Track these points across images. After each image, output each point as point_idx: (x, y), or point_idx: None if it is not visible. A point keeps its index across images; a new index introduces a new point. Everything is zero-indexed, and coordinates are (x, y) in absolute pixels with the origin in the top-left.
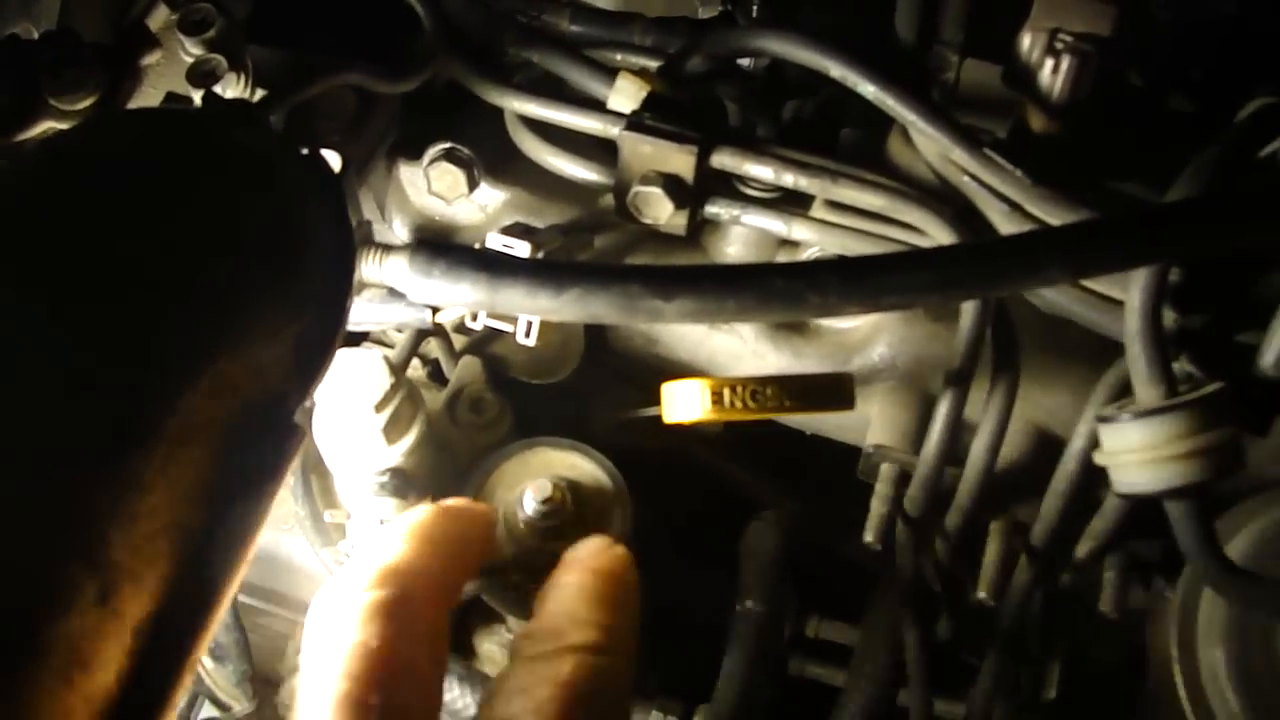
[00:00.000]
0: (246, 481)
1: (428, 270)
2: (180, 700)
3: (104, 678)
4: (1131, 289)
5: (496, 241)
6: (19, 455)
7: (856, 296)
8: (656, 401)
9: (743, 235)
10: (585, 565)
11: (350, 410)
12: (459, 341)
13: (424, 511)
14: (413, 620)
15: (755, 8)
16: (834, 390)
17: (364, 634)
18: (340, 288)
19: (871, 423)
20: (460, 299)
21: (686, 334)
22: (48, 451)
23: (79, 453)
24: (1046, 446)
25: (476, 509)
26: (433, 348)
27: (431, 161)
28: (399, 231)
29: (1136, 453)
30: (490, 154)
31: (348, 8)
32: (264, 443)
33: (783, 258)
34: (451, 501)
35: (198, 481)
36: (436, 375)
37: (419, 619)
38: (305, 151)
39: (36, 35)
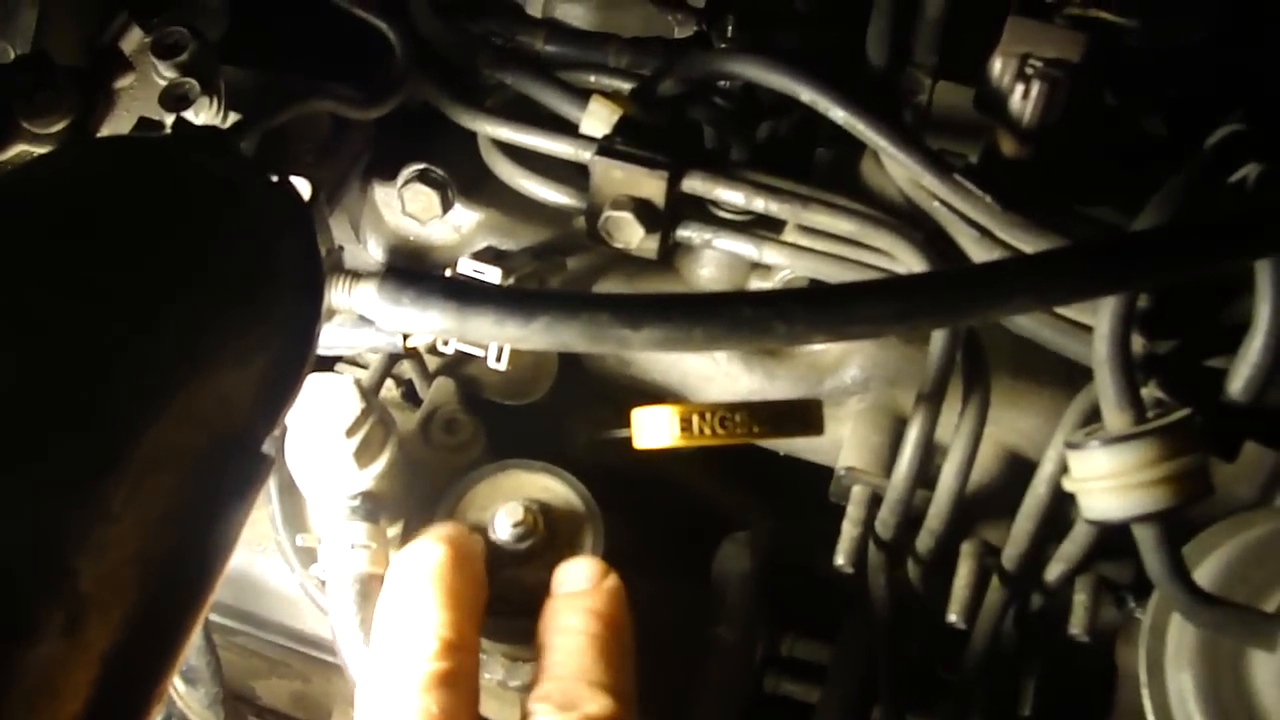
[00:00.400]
0: (214, 510)
1: (396, 298)
2: None
3: (72, 707)
4: (1100, 315)
5: (467, 267)
6: None
7: (823, 325)
8: (629, 422)
9: (715, 258)
10: (588, 608)
11: (321, 435)
12: (432, 362)
13: (440, 560)
14: (464, 684)
15: (730, 29)
16: (803, 416)
17: (426, 703)
18: (308, 317)
19: (844, 445)
20: (429, 327)
21: (658, 356)
22: (14, 482)
23: (46, 483)
24: (1017, 469)
25: (474, 545)
26: (406, 369)
27: (406, 183)
28: (374, 252)
29: (1105, 479)
30: (464, 175)
31: (322, 29)
32: (232, 471)
33: (755, 280)
34: (447, 531)
35: (166, 511)
36: (410, 396)
37: (467, 681)
38: (275, 179)
39: (13, 55)
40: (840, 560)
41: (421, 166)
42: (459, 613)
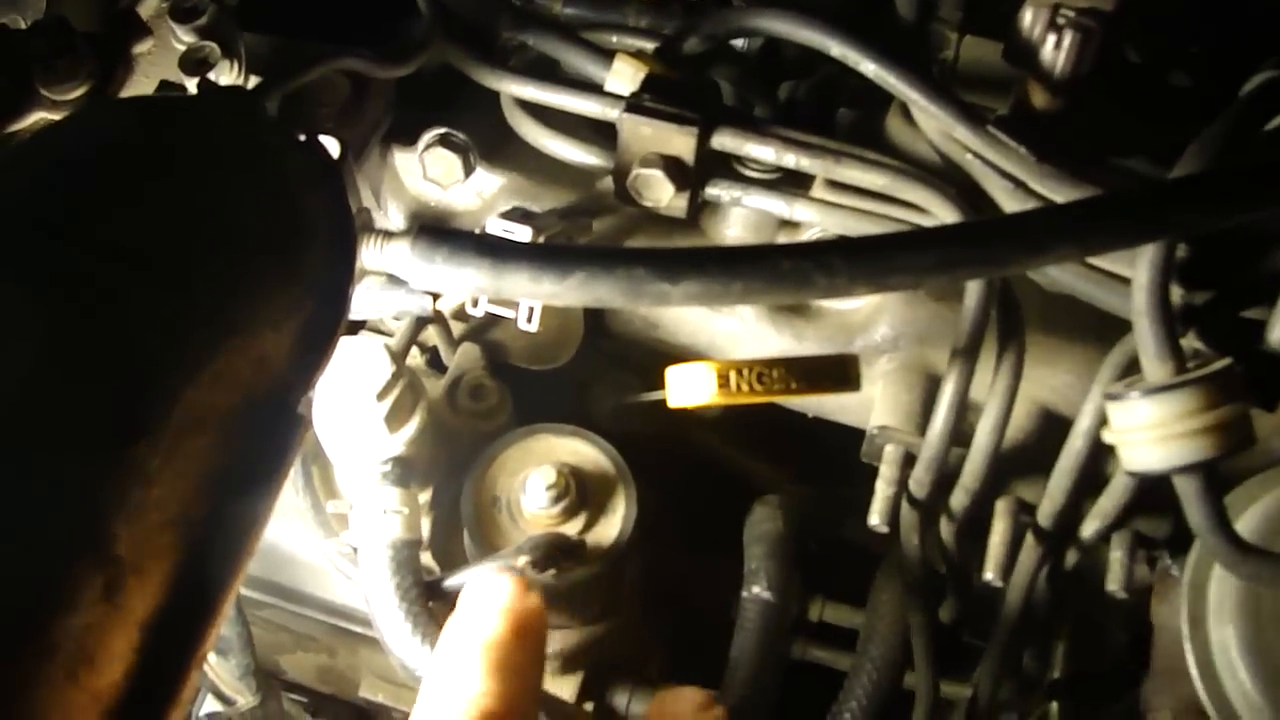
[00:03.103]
0: (252, 472)
1: (430, 256)
2: (190, 697)
3: (111, 675)
4: (1139, 266)
5: (497, 226)
6: (22, 451)
7: (864, 276)
8: (655, 387)
9: (742, 217)
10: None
11: (352, 399)
12: (457, 329)
13: (496, 634)
14: None
15: None
16: (840, 372)
17: None
18: (342, 276)
19: (875, 404)
20: (464, 285)
21: (687, 317)
22: (52, 447)
23: (84, 447)
24: (1051, 425)
25: (536, 615)
26: (431, 335)
27: (427, 147)
28: (395, 218)
29: (1146, 430)
30: (485, 139)
31: None
32: (268, 433)
33: (783, 238)
34: (508, 600)
35: (203, 473)
36: (435, 363)
37: None
38: (303, 138)
39: (24, 24)
40: (875, 520)
41: (443, 130)
42: (509, 685)
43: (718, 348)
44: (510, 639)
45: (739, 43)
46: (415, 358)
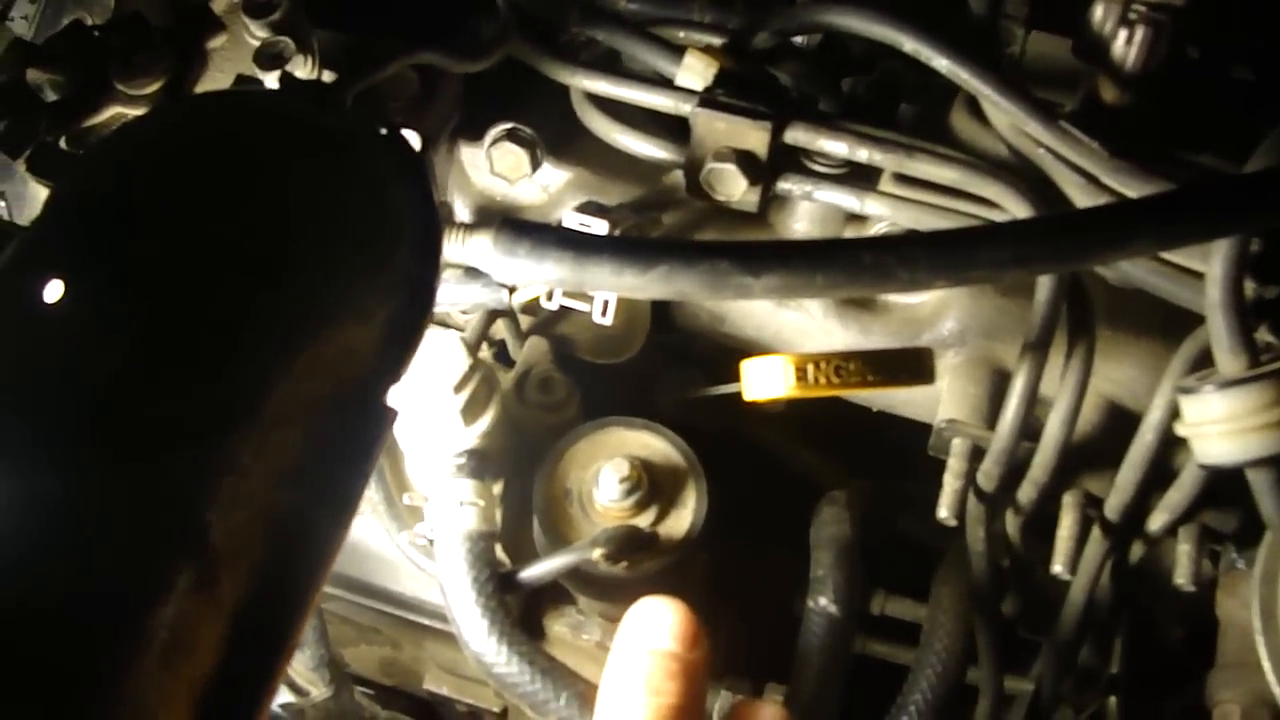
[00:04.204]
0: (341, 463)
1: (512, 249)
2: (279, 685)
3: (205, 663)
4: (1213, 259)
5: (573, 220)
6: (117, 443)
7: (944, 270)
8: (719, 381)
9: (810, 211)
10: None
11: (428, 391)
12: (525, 322)
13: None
14: None
15: None
16: (915, 365)
17: None
18: (428, 269)
19: (942, 398)
20: (546, 277)
21: (754, 311)
22: (145, 438)
23: (177, 438)
24: (1117, 418)
25: (698, 638)
26: (499, 329)
27: (494, 142)
28: (460, 213)
29: (1220, 423)
30: (551, 133)
31: None
32: (357, 424)
33: (850, 233)
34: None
35: (294, 464)
36: (503, 356)
37: None
38: (385, 132)
39: (91, 23)
40: (943, 513)
41: (510, 125)
42: None
43: (784, 341)
44: (675, 714)
45: (799, 38)
46: (483, 351)
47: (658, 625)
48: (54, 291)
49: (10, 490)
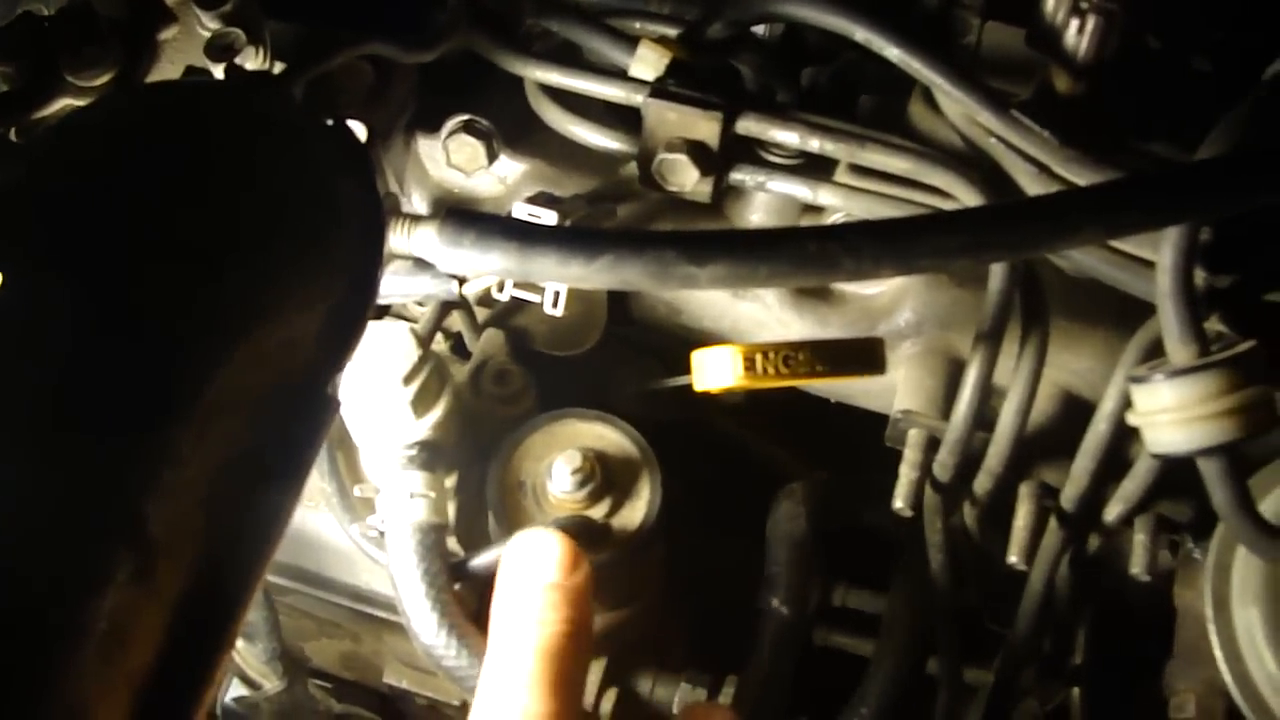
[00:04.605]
0: (282, 454)
1: (457, 240)
2: (221, 678)
3: (143, 655)
4: (1163, 248)
5: (523, 211)
6: (53, 433)
7: (890, 259)
8: (677, 373)
9: (766, 202)
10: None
11: (378, 383)
12: (481, 314)
13: (550, 638)
14: None
15: None
16: (866, 355)
17: None
18: (371, 259)
19: (898, 388)
20: (490, 268)
21: (711, 302)
22: (83, 428)
23: (114, 428)
24: (1073, 408)
25: (588, 608)
26: (455, 320)
27: (450, 134)
28: (418, 205)
29: (1171, 412)
30: (508, 125)
31: None
32: (299, 415)
33: (806, 224)
34: (566, 594)
35: (233, 455)
36: (459, 349)
37: None
38: (331, 123)
39: (47, 12)
40: (899, 504)
41: (466, 117)
42: (562, 705)
43: (741, 332)
44: (568, 645)
45: (759, 29)
46: (439, 343)
47: (535, 557)
48: None
49: None
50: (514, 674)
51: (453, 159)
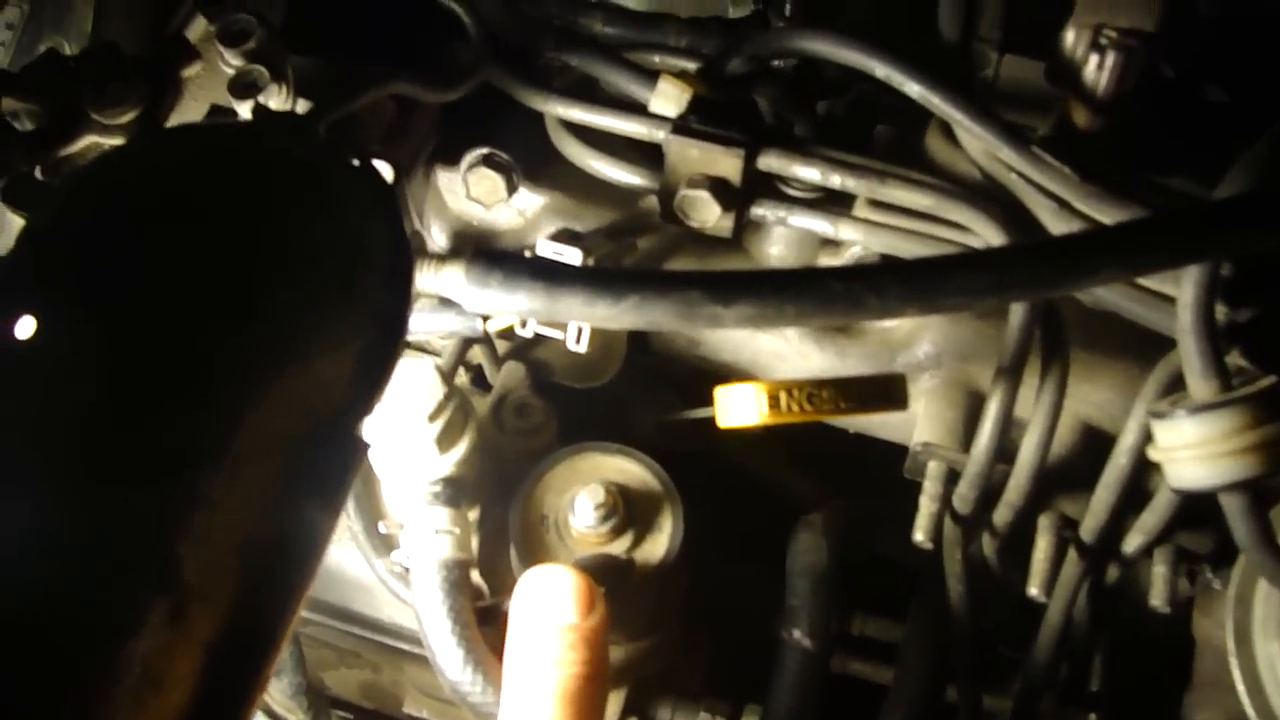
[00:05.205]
0: (313, 496)
1: (484, 281)
2: (254, 716)
3: (177, 698)
4: (1184, 284)
5: (547, 248)
6: (87, 477)
7: (915, 299)
8: (696, 403)
9: (785, 236)
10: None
11: (403, 420)
12: (501, 347)
13: (567, 680)
14: None
15: (788, 6)
16: (888, 391)
17: None
18: (400, 301)
19: (918, 421)
20: (517, 308)
21: (730, 335)
22: (117, 473)
23: (148, 473)
24: (1092, 440)
25: (593, 602)
26: (476, 353)
27: (470, 167)
28: (437, 238)
29: (1192, 448)
30: (527, 158)
31: (379, 13)
32: (329, 457)
33: (824, 257)
34: (583, 634)
35: (265, 498)
36: (479, 381)
37: None
38: (358, 163)
39: (69, 50)
40: (919, 536)
41: (486, 150)
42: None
43: (761, 365)
44: (585, 686)
45: (776, 61)
46: (460, 376)
47: (552, 595)
48: (26, 328)
49: None
50: (533, 718)
51: (473, 192)
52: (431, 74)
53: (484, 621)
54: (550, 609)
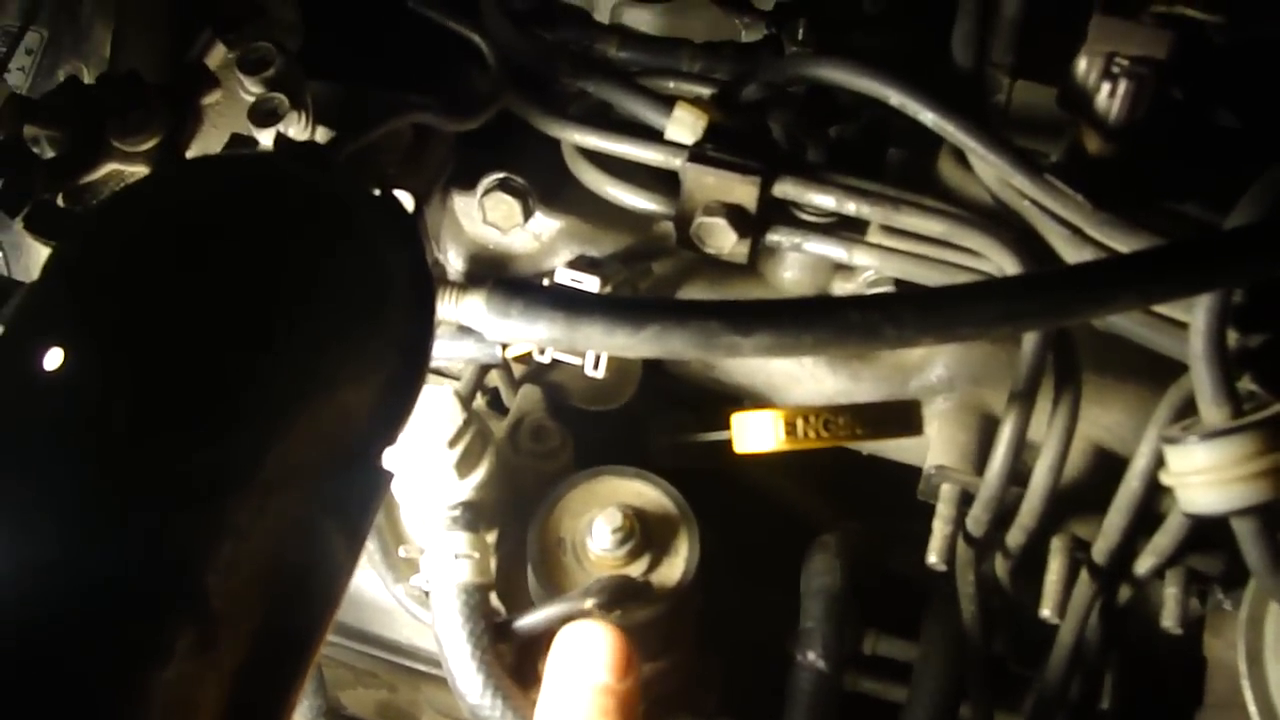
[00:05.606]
0: (338, 524)
1: (505, 310)
2: None
3: None
4: (1196, 310)
5: (565, 276)
6: (117, 507)
7: (932, 328)
8: (711, 425)
9: (799, 261)
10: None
11: (422, 445)
12: (517, 370)
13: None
14: None
15: (801, 32)
16: (904, 417)
17: None
18: (423, 331)
19: (931, 444)
20: (537, 337)
21: (745, 359)
22: (145, 503)
23: (176, 502)
24: (1104, 463)
25: (629, 665)
26: (492, 377)
27: (486, 191)
28: (454, 262)
29: (1204, 474)
30: (543, 182)
31: (396, 40)
32: (354, 486)
33: (838, 282)
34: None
35: (291, 526)
36: (496, 404)
37: None
38: (379, 193)
39: (87, 75)
40: (933, 559)
41: (502, 175)
42: None
43: (775, 387)
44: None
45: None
46: (477, 400)
47: (589, 655)
48: (54, 359)
49: (10, 554)
50: None
51: (489, 216)
52: (451, 102)
53: (500, 638)
54: (587, 668)
